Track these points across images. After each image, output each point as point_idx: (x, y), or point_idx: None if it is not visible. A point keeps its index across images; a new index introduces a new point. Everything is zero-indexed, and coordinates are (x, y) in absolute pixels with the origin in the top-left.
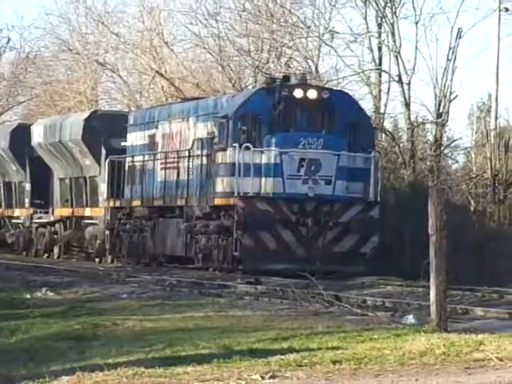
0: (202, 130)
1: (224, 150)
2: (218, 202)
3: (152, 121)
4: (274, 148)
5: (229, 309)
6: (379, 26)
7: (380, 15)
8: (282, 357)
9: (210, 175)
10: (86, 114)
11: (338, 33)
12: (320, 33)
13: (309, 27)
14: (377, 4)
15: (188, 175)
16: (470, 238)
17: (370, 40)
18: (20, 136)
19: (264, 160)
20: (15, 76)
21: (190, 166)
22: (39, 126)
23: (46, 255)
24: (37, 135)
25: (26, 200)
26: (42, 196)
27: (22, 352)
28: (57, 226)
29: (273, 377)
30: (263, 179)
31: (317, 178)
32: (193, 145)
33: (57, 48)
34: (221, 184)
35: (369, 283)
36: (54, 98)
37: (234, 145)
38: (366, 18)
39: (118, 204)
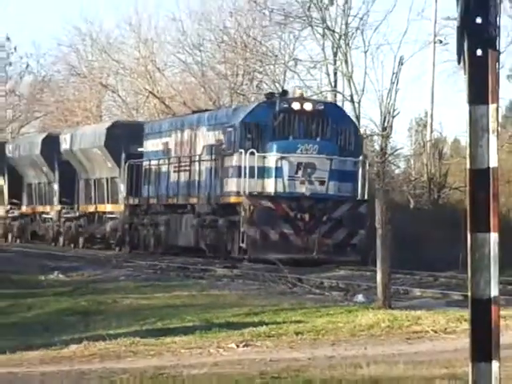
0: (211, 137)
1: (231, 154)
2: (225, 200)
3: (166, 130)
4: (275, 153)
5: (209, 289)
6: (335, 54)
7: (335, 46)
8: (254, 329)
9: (218, 177)
10: (108, 124)
11: (300, 60)
12: (285, 60)
13: (276, 56)
14: (333, 37)
15: (199, 177)
16: (410, 231)
17: (327, 66)
18: (50, 143)
19: (267, 164)
20: (33, 96)
21: (201, 169)
22: (67, 135)
23: (73, 245)
24: (64, 143)
25: (55, 198)
26: (68, 195)
27: (38, 324)
28: (81, 220)
29: (246, 345)
30: (266, 180)
31: (312, 180)
32: (203, 150)
33: (67, 72)
34: (228, 185)
35: (326, 268)
36: (65, 113)
37: (240, 150)
38: (323, 49)
39: (136, 202)
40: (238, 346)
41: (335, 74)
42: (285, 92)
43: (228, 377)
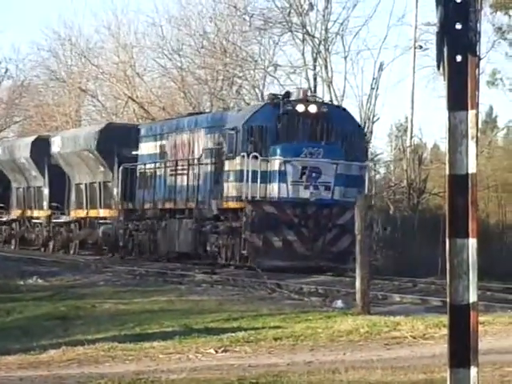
0: (211, 140)
1: (233, 158)
2: (226, 205)
3: (162, 132)
4: (278, 157)
5: (188, 294)
6: (314, 60)
7: (315, 51)
8: (233, 334)
9: (218, 181)
10: (101, 126)
11: (280, 65)
12: (265, 65)
13: (256, 61)
14: (312, 42)
15: (198, 181)
16: (390, 237)
17: (306, 72)
18: (39, 146)
19: (270, 168)
20: (12, 100)
21: (200, 173)
22: (58, 137)
23: (63, 251)
24: (55, 145)
25: (45, 203)
26: (59, 199)
27: (16, 329)
28: (72, 225)
29: (225, 351)
30: (269, 185)
31: (317, 184)
32: (202, 154)
33: (46, 77)
34: (229, 189)
35: (305, 273)
36: (44, 118)
37: (243, 154)
38: (303, 54)
39: (130, 206)
40: (216, 352)
41: (315, 79)
42: (288, 94)
43: (207, 382)
